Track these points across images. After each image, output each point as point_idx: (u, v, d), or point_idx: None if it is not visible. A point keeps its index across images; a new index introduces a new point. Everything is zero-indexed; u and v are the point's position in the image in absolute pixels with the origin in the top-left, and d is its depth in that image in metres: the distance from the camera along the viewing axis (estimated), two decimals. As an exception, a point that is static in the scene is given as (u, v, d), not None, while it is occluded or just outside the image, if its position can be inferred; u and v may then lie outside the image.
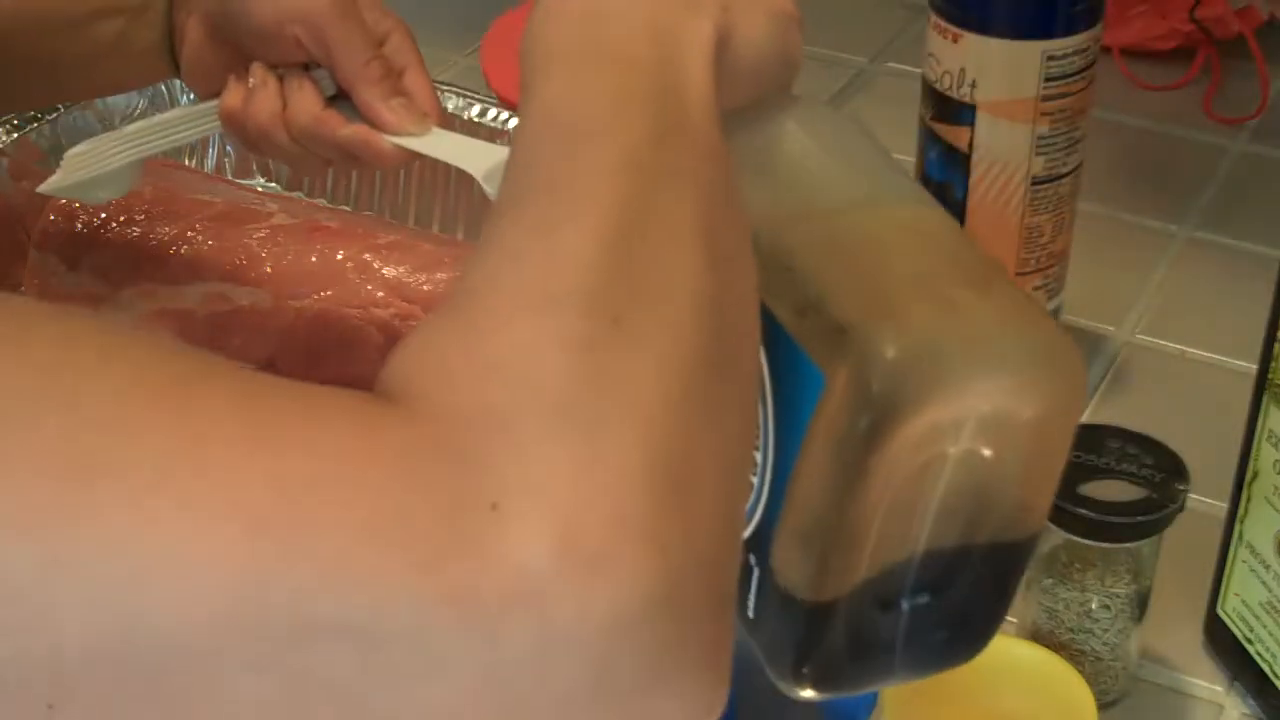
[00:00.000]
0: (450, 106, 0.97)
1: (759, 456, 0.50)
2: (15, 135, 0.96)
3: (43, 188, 0.83)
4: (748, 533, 0.51)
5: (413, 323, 0.85)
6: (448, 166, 0.77)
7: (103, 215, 0.89)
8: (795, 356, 0.48)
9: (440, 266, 0.87)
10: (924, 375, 0.45)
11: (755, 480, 0.51)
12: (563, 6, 0.48)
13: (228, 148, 1.04)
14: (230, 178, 1.03)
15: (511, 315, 0.38)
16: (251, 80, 0.73)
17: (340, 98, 0.73)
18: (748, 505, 0.51)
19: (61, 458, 0.33)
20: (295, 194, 1.02)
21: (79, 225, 0.90)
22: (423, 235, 0.93)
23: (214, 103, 0.76)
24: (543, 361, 0.36)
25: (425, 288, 0.86)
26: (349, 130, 0.72)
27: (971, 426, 0.46)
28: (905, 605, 0.49)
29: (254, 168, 1.05)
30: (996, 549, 0.50)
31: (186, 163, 1.03)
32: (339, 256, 0.87)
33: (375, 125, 0.72)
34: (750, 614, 0.51)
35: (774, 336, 0.48)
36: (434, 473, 0.34)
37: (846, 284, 0.48)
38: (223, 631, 0.33)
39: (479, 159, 0.75)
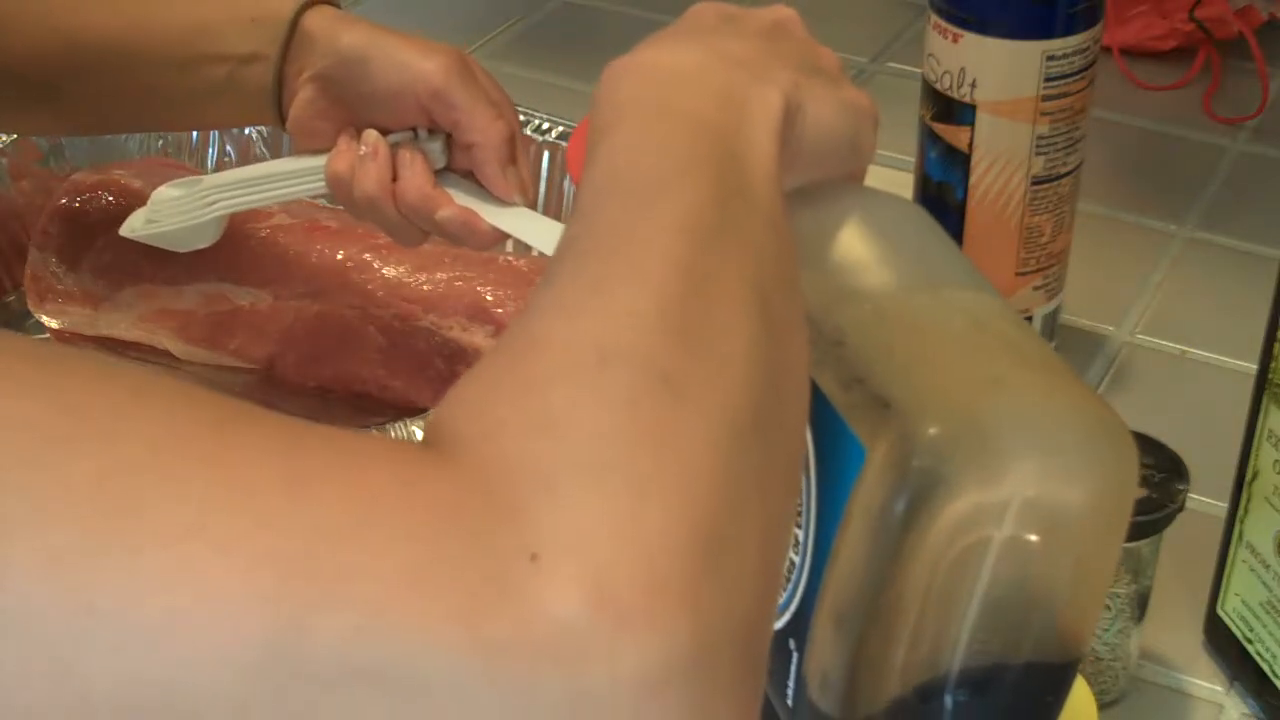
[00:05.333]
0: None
1: (800, 533, 0.49)
2: (15, 135, 0.96)
3: (130, 233, 0.83)
4: (788, 616, 0.50)
5: (413, 323, 0.85)
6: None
7: (103, 216, 0.89)
8: (839, 429, 0.47)
9: (440, 266, 0.87)
10: (967, 453, 0.44)
11: (796, 558, 0.49)
12: (638, 63, 0.49)
13: (228, 147, 1.04)
14: (230, 178, 1.03)
15: (563, 371, 0.38)
16: (363, 148, 0.74)
17: (441, 172, 0.75)
18: (788, 585, 0.50)
19: (95, 501, 0.33)
20: (295, 194, 1.02)
21: (79, 225, 0.90)
22: (423, 235, 0.93)
23: (318, 161, 0.76)
24: (591, 418, 0.36)
25: (425, 288, 0.86)
26: (452, 211, 0.74)
27: (1016, 510, 0.45)
28: None
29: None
30: (1033, 672, 0.48)
31: (186, 163, 1.03)
32: (339, 256, 0.87)
33: (488, 187, 0.74)
34: (789, 702, 0.50)
35: (819, 409, 0.47)
36: (474, 522, 0.34)
37: (893, 359, 0.48)
38: (257, 678, 0.32)
39: None
